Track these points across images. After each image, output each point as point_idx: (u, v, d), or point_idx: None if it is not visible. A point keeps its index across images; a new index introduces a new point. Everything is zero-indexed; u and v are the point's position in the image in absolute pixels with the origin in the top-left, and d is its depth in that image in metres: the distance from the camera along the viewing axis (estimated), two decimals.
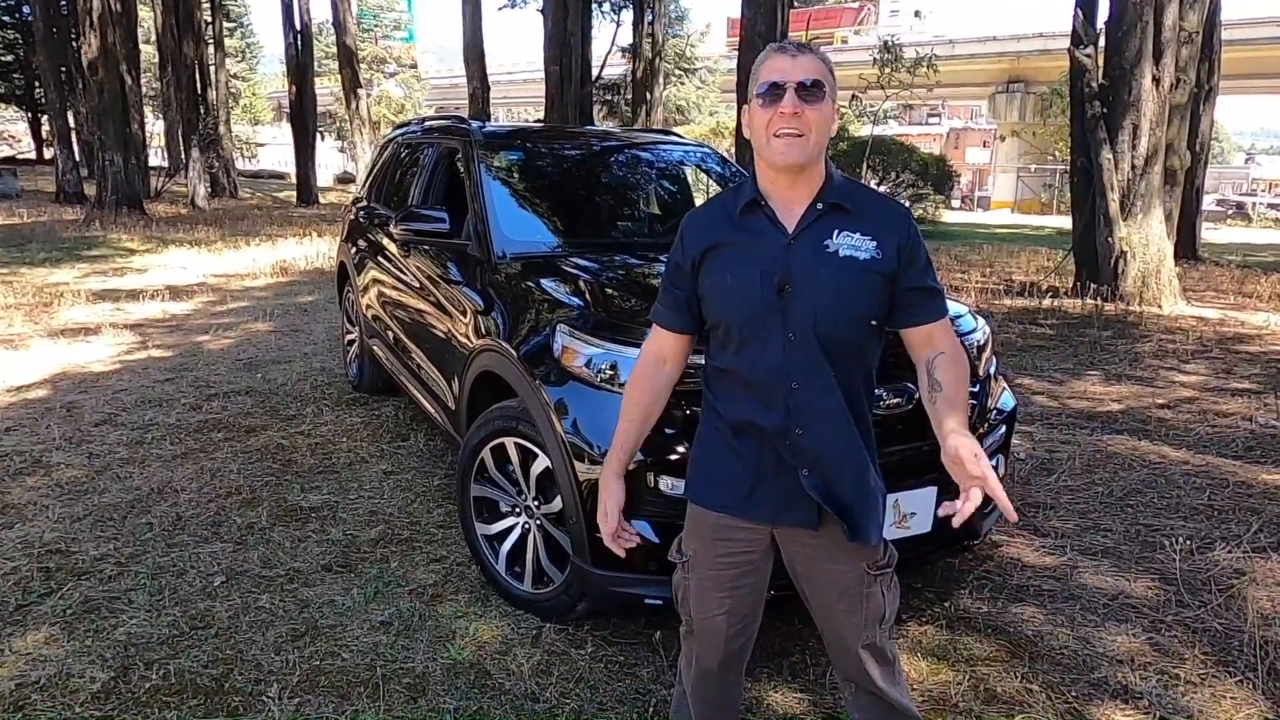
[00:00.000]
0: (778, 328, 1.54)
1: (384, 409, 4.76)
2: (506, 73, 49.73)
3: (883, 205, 1.62)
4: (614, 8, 24.58)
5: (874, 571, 1.64)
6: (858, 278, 1.53)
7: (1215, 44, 12.37)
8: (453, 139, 3.93)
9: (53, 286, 8.72)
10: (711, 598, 1.71)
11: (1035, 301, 8.57)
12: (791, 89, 1.49)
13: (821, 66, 1.52)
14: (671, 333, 1.72)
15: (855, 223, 1.55)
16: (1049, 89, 30.63)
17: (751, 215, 1.59)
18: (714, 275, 1.60)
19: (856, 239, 1.54)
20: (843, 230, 1.55)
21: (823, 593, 1.67)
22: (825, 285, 1.52)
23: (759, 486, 1.61)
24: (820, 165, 1.58)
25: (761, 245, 1.56)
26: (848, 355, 1.56)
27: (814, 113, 1.50)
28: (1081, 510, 3.57)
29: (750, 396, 1.59)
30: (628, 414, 1.79)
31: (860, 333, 1.57)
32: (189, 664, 2.41)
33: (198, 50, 23.37)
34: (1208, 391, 5.40)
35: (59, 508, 3.42)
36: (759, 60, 1.56)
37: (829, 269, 1.53)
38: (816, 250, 1.54)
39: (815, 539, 1.61)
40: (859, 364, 1.59)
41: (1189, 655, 2.54)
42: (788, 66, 1.51)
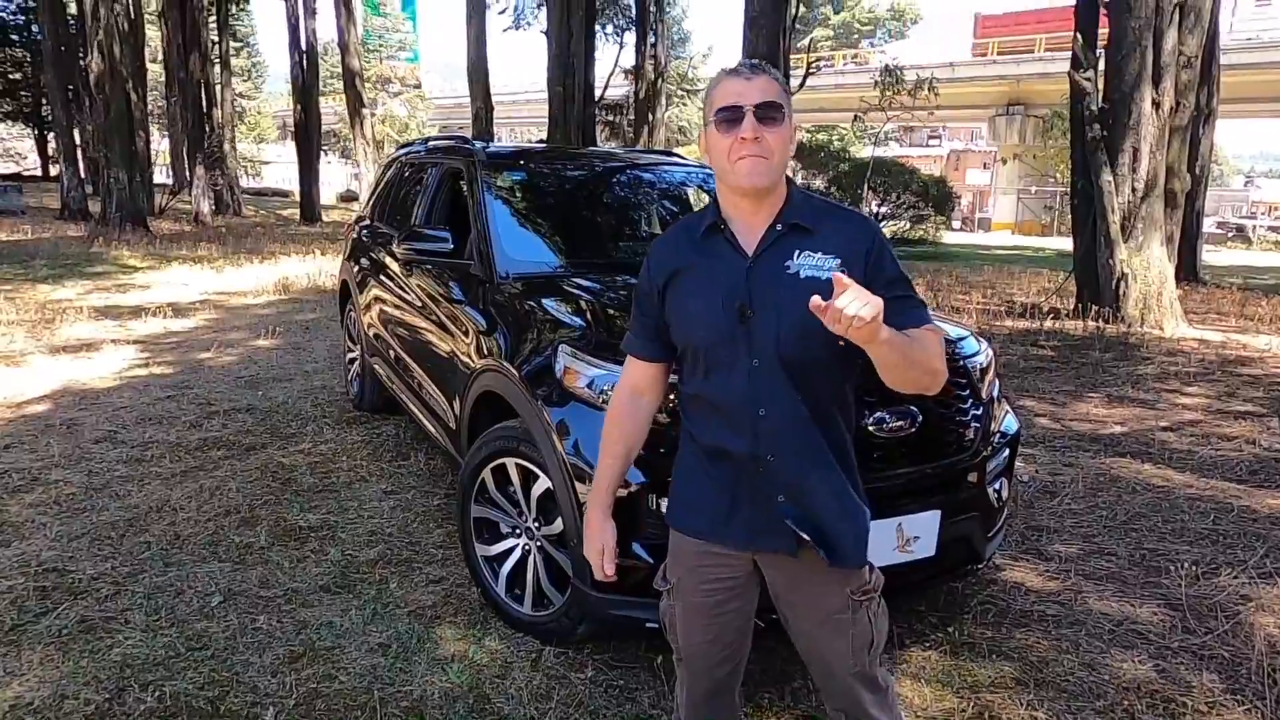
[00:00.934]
0: (742, 353, 1.51)
1: (385, 428, 4.75)
2: (510, 93, 50.10)
3: (844, 220, 1.57)
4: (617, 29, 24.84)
5: (858, 596, 1.60)
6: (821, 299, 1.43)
7: (1215, 68, 12.47)
8: (456, 159, 3.95)
9: (55, 303, 8.73)
10: (696, 625, 1.68)
11: (1037, 323, 8.57)
12: (750, 112, 1.46)
13: (777, 86, 1.50)
14: (645, 362, 1.70)
15: (816, 241, 1.51)
16: (1049, 112, 30.81)
17: (713, 239, 1.57)
18: (678, 301, 1.59)
19: (818, 258, 1.50)
20: (804, 250, 1.51)
21: (806, 619, 1.63)
22: (787, 308, 1.47)
23: (735, 512, 1.57)
24: (782, 186, 1.55)
25: (722, 269, 1.54)
26: (815, 378, 1.52)
27: (774, 134, 1.47)
28: (1085, 534, 3.55)
29: (720, 422, 1.56)
30: (609, 449, 1.73)
31: (827, 354, 1.50)
32: (185, 686, 2.38)
33: (204, 69, 23.59)
34: (1211, 414, 5.38)
35: (57, 526, 3.40)
36: (713, 83, 1.54)
37: (790, 291, 1.48)
38: (776, 272, 1.51)
39: (796, 564, 1.57)
40: (829, 386, 1.54)
41: (1196, 683, 2.51)
42: (743, 89, 1.48)
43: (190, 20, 22.47)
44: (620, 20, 24.76)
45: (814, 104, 35.70)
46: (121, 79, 16.07)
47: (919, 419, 2.38)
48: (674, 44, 32.31)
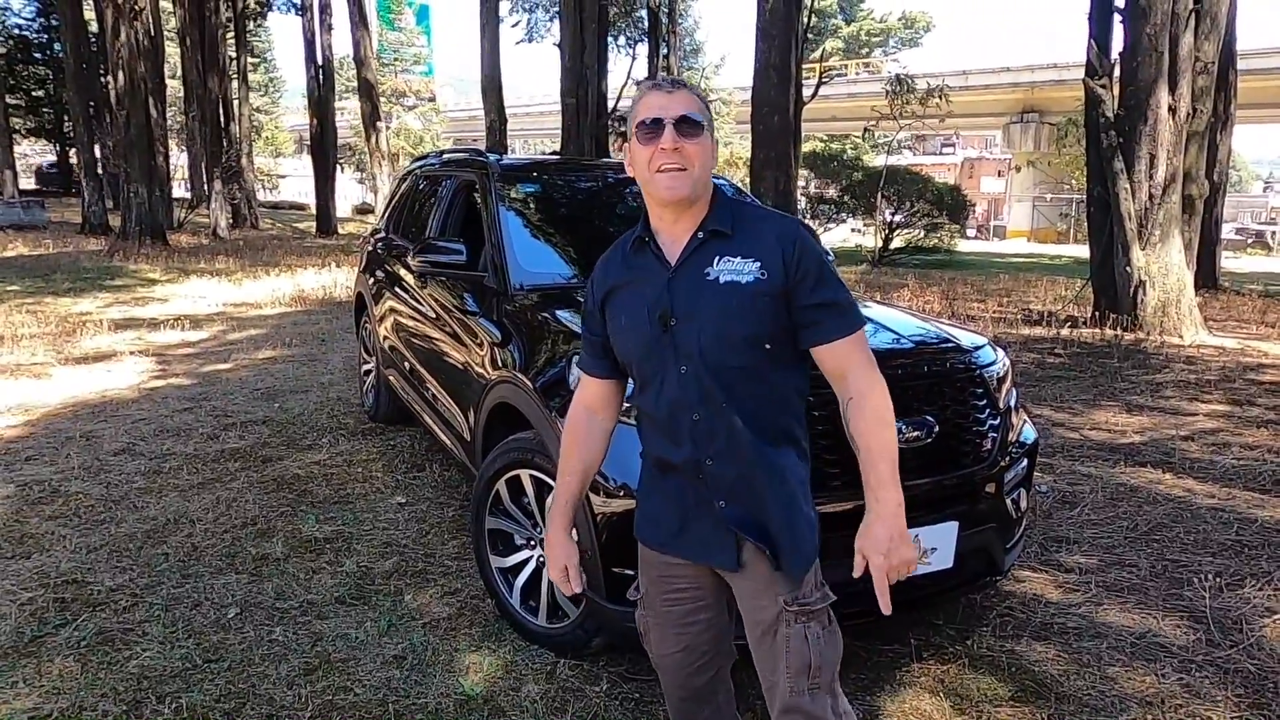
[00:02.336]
0: (670, 362, 1.53)
1: (400, 439, 4.77)
2: (524, 105, 50.43)
3: (766, 222, 1.56)
4: (630, 41, 24.98)
5: (793, 608, 1.53)
6: (741, 302, 1.48)
7: (1231, 73, 12.37)
8: (470, 171, 3.98)
9: (76, 316, 8.85)
10: (668, 635, 1.69)
11: (1053, 331, 8.50)
12: (670, 124, 1.48)
13: (698, 102, 1.52)
14: (596, 379, 1.71)
15: (735, 246, 1.52)
16: (1064, 119, 30.66)
17: (640, 253, 1.60)
18: (613, 318, 1.62)
19: (737, 263, 1.50)
20: (724, 256, 1.52)
21: (750, 633, 1.60)
22: (707, 314, 1.50)
23: (685, 526, 1.59)
24: (706, 196, 1.56)
25: (648, 282, 1.56)
26: (743, 382, 1.51)
27: (694, 146, 1.49)
28: (1105, 545, 3.51)
29: (661, 434, 1.58)
30: (567, 467, 1.74)
31: (752, 358, 1.50)
32: (201, 698, 2.39)
33: (222, 85, 23.91)
34: (1231, 423, 5.32)
35: (76, 537, 3.43)
36: (636, 97, 1.57)
37: (709, 297, 1.50)
38: (696, 280, 1.52)
39: (743, 575, 1.56)
40: (763, 389, 1.52)
41: (1221, 697, 2.46)
42: (665, 102, 1.50)
43: (209, 37, 22.78)
44: (633, 32, 24.91)
45: (826, 113, 35.72)
46: (141, 95, 16.31)
47: (935, 429, 2.37)
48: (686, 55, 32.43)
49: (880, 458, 1.47)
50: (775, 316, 1.50)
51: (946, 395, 2.47)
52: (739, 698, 2.43)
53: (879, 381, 1.51)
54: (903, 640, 2.70)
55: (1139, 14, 8.06)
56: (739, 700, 2.43)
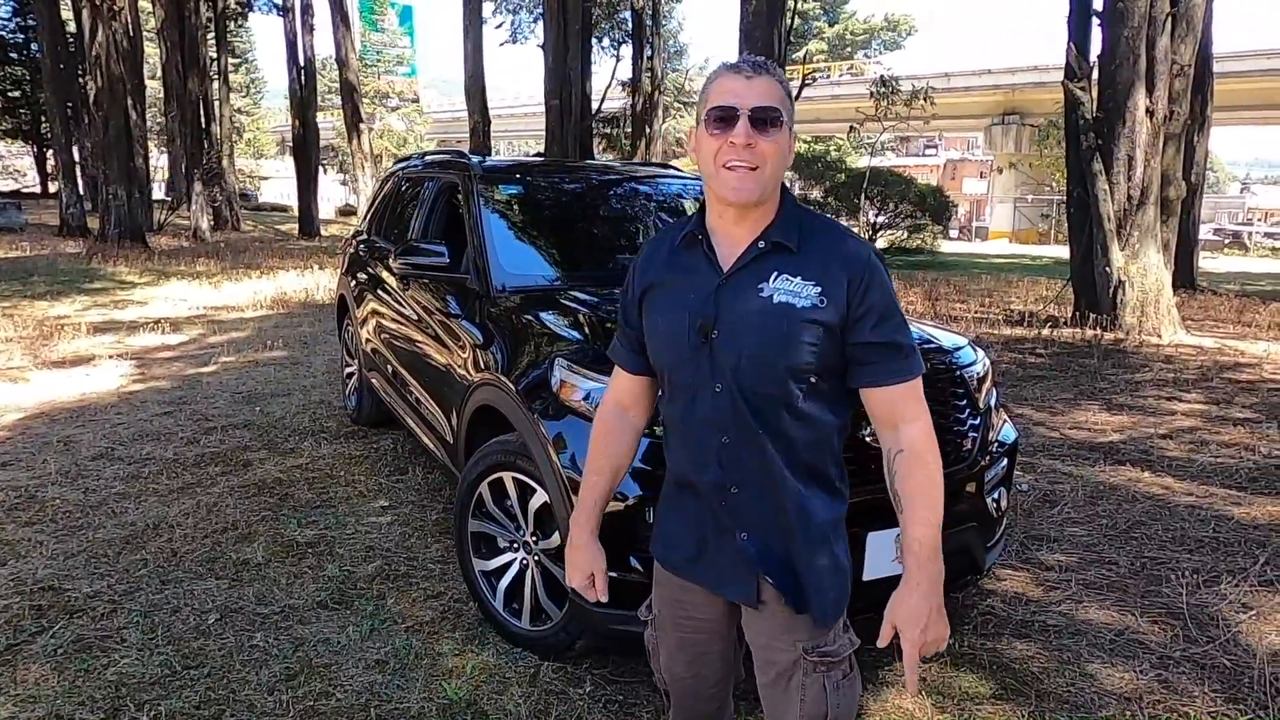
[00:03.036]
0: (705, 377, 1.39)
1: (383, 442, 4.74)
2: (508, 106, 50.34)
3: (836, 243, 1.39)
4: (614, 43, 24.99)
5: (812, 657, 1.43)
6: (791, 327, 1.33)
7: (1208, 76, 12.54)
8: (453, 173, 3.96)
9: (53, 319, 8.74)
10: (678, 660, 1.61)
11: (1034, 331, 8.58)
12: (745, 116, 1.32)
13: (779, 90, 1.35)
14: (629, 374, 1.59)
15: (798, 264, 1.36)
16: (1045, 120, 30.96)
17: (690, 250, 1.45)
18: (650, 317, 1.48)
19: (797, 283, 1.35)
20: (783, 273, 1.36)
21: (761, 674, 1.51)
22: (751, 334, 1.35)
23: (703, 553, 1.48)
24: (774, 199, 1.40)
25: (694, 285, 1.42)
26: (779, 413, 1.37)
27: (769, 144, 1.33)
28: (1085, 543, 3.54)
29: (686, 451, 1.46)
30: (594, 466, 1.62)
31: (792, 390, 1.36)
32: (180, 705, 2.36)
33: (202, 85, 23.70)
34: (1209, 421, 5.38)
35: (53, 544, 3.39)
36: (709, 78, 1.39)
37: (759, 316, 1.35)
38: (748, 293, 1.37)
39: (760, 614, 1.47)
40: (799, 423, 1.38)
41: (1198, 693, 2.49)
42: (741, 89, 1.33)
43: (189, 37, 22.57)
44: (617, 34, 24.93)
45: (810, 115, 35.92)
46: (120, 96, 16.14)
47: None
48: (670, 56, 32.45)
49: (927, 525, 1.34)
50: (826, 349, 1.36)
51: (927, 395, 2.47)
52: None
53: (933, 440, 1.39)
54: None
55: (1117, 17, 8.16)
56: None
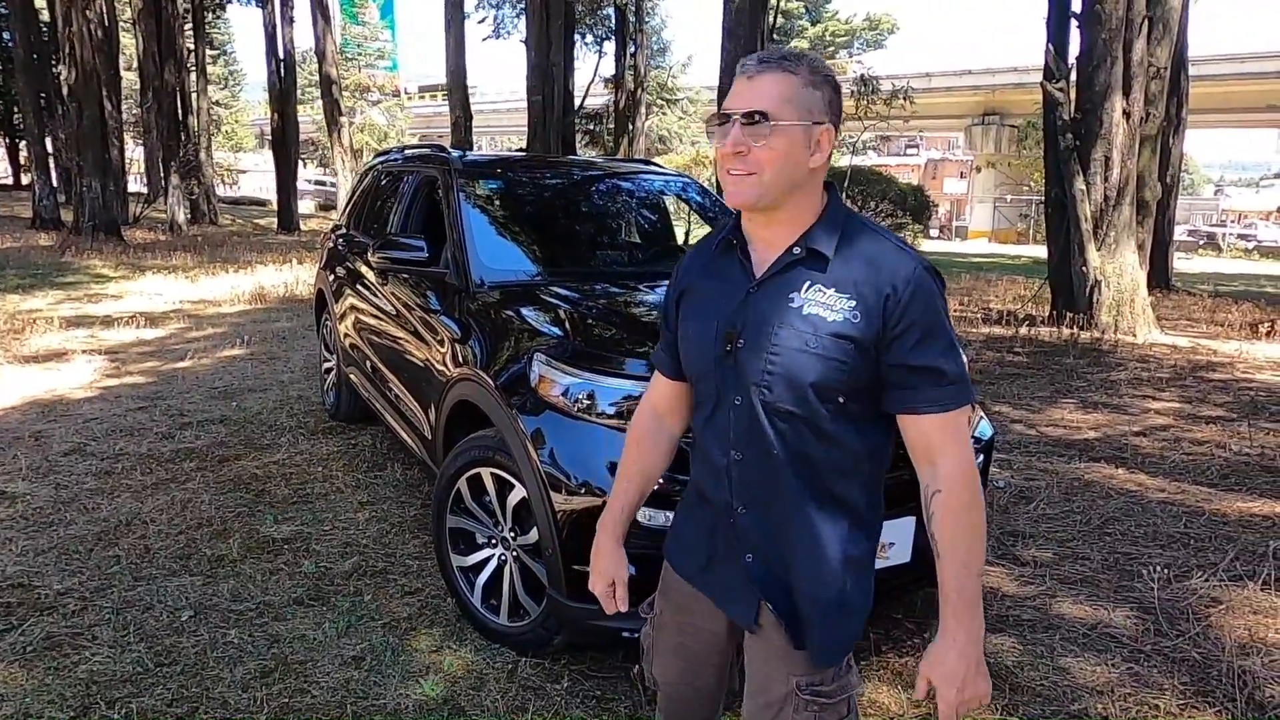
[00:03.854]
0: (727, 388, 1.32)
1: (361, 438, 4.71)
2: (490, 102, 50.09)
3: (879, 253, 1.26)
4: (597, 39, 24.93)
5: (806, 694, 1.33)
6: (821, 343, 1.23)
7: (1183, 78, 12.70)
8: (432, 167, 3.94)
9: (25, 313, 8.59)
10: (673, 665, 1.55)
11: (1012, 329, 8.66)
12: (737, 122, 1.24)
13: (781, 89, 1.23)
14: (667, 380, 1.51)
15: (833, 275, 1.25)
16: (1024, 121, 31.25)
17: (727, 256, 1.37)
18: (682, 323, 1.42)
19: (830, 295, 1.24)
20: (816, 284, 1.26)
21: (751, 698, 1.40)
22: (777, 345, 1.26)
23: (712, 563, 1.41)
24: (810, 201, 1.29)
25: (725, 292, 1.34)
26: (802, 432, 1.27)
27: (763, 151, 1.22)
28: (1060, 539, 3.58)
29: (702, 463, 1.40)
30: (625, 473, 1.56)
31: (819, 410, 1.25)
32: (152, 703, 2.34)
33: (180, 77, 23.34)
34: (1182, 419, 5.46)
35: (23, 540, 3.33)
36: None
37: (788, 328, 1.25)
38: (778, 303, 1.27)
39: (758, 638, 1.38)
40: (825, 446, 1.27)
41: (1168, 685, 2.53)
42: (742, 91, 1.25)
43: (166, 27, 22.22)
44: (600, 30, 24.85)
45: None
46: (95, 87, 15.88)
47: None
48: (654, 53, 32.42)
49: (967, 575, 1.23)
50: (858, 369, 1.24)
51: None
52: None
53: (975, 480, 1.25)
54: (861, 634, 2.72)
55: (1094, 20, 8.24)
56: None
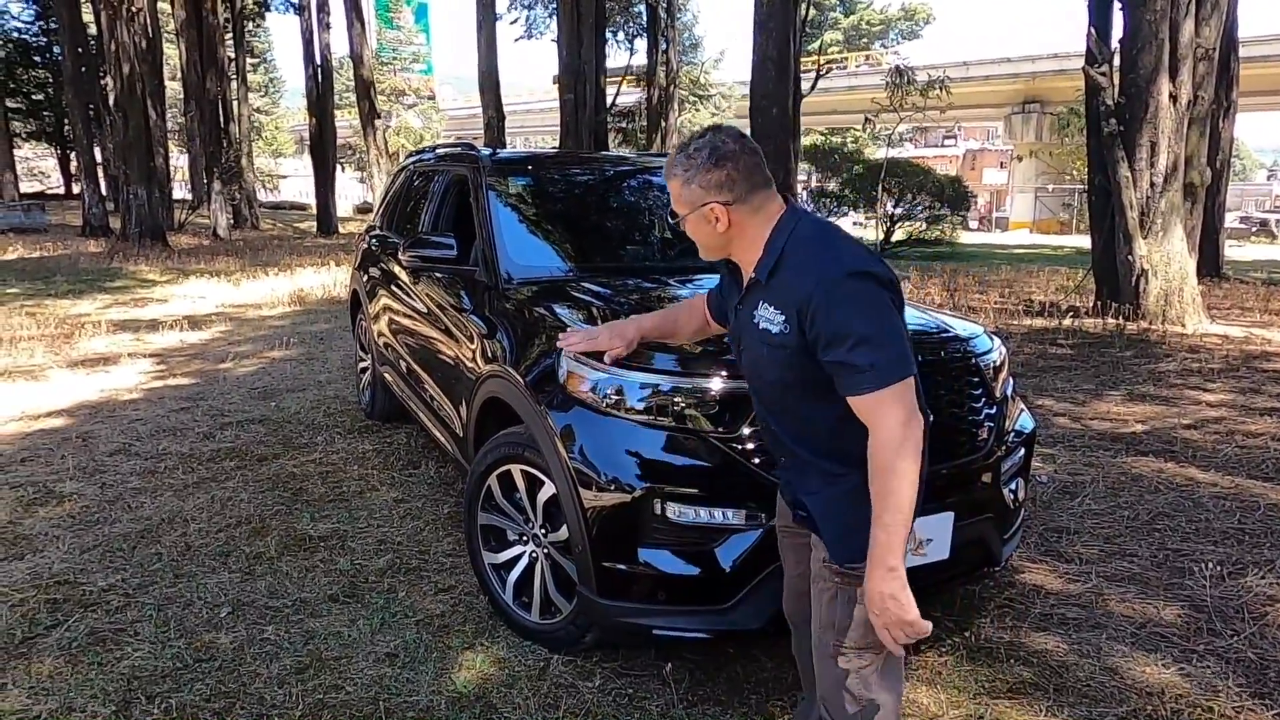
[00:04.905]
0: (745, 375, 1.78)
1: (396, 437, 4.75)
2: (523, 102, 50.35)
3: (801, 272, 1.55)
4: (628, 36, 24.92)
5: (829, 563, 1.65)
6: (770, 352, 1.60)
7: (1233, 60, 12.28)
8: (462, 166, 3.94)
9: (75, 317, 8.84)
10: (789, 557, 1.93)
11: (1055, 321, 8.45)
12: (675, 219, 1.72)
13: (674, 189, 1.68)
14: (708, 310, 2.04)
15: (772, 295, 1.60)
16: (1065, 109, 30.55)
17: (732, 278, 1.82)
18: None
19: (771, 311, 1.59)
20: (764, 302, 1.62)
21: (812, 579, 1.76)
22: (748, 353, 1.69)
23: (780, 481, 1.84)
24: (754, 242, 1.64)
25: (732, 306, 1.79)
26: (784, 412, 1.68)
27: (689, 227, 1.69)
28: (1106, 535, 3.47)
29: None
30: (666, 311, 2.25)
31: (785, 396, 1.65)
32: (191, 698, 2.37)
33: (221, 85, 23.87)
34: (1234, 411, 5.27)
35: (69, 538, 3.41)
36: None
37: (753, 340, 1.65)
38: (748, 321, 1.66)
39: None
40: (802, 421, 1.65)
41: (1223, 687, 2.43)
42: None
43: (207, 38, 22.74)
44: (631, 27, 24.85)
45: (826, 107, 35.60)
46: (140, 97, 16.29)
47: (930, 418, 2.32)
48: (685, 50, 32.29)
49: (878, 525, 1.49)
50: (800, 366, 1.57)
51: (941, 384, 2.43)
52: (735, 693, 2.42)
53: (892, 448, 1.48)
54: None
55: (1139, 0, 7.99)
56: (735, 699, 2.41)
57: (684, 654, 2.57)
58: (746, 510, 2.20)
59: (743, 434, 2.23)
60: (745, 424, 2.23)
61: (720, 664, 2.54)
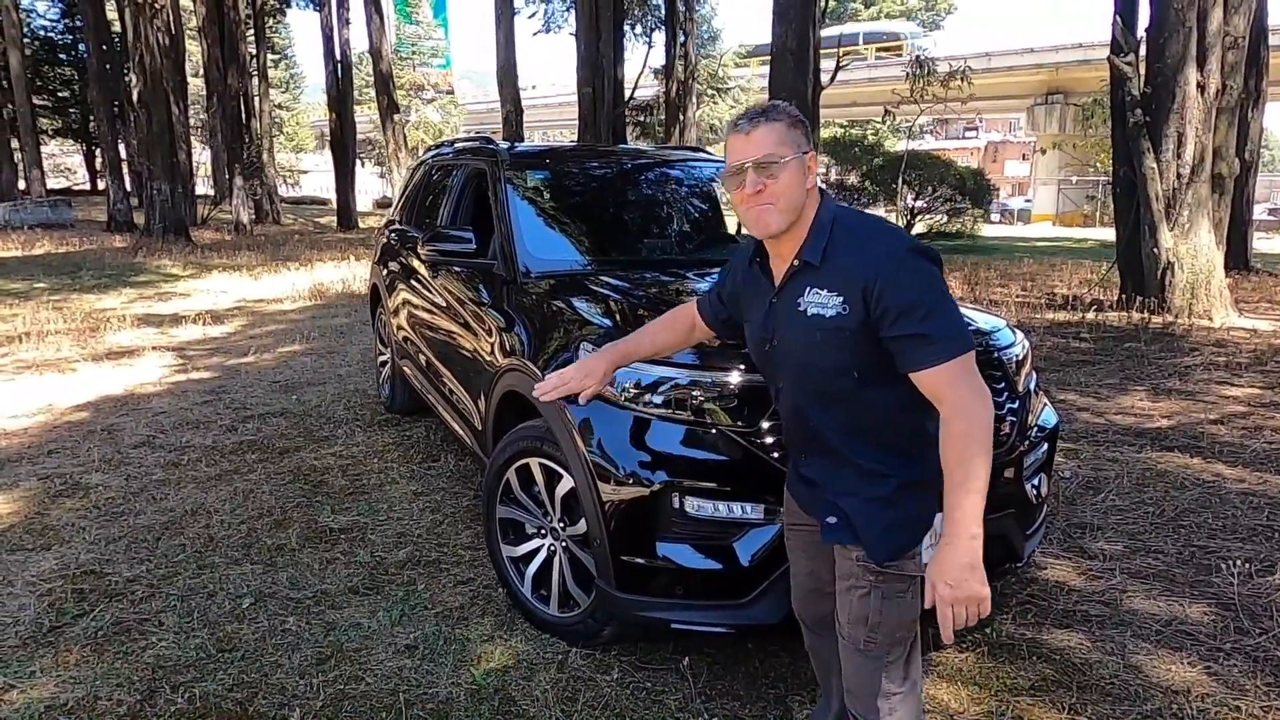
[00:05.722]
0: (774, 377, 1.74)
1: (415, 430, 4.77)
2: (541, 96, 50.36)
3: (858, 250, 1.55)
4: (646, 30, 24.82)
5: (864, 560, 1.63)
6: (825, 336, 1.55)
7: (1263, 48, 12.05)
8: (480, 159, 3.95)
9: (100, 312, 8.96)
10: (799, 557, 1.92)
11: (1079, 315, 8.35)
12: (750, 170, 1.57)
13: (775, 134, 1.56)
14: (702, 316, 2.01)
15: (823, 278, 1.57)
16: (1089, 99, 30.08)
17: (756, 271, 1.75)
18: (741, 320, 1.86)
19: (823, 296, 1.56)
20: (813, 287, 1.58)
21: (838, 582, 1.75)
22: (795, 344, 1.62)
23: (797, 483, 1.81)
24: (807, 218, 1.61)
25: (759, 300, 1.73)
26: (836, 404, 1.62)
27: (775, 184, 1.56)
28: (1131, 531, 3.43)
29: (782, 427, 1.85)
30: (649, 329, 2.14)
31: (840, 384, 1.59)
32: (214, 688, 2.40)
33: (242, 81, 24.05)
34: (1262, 406, 5.18)
35: (95, 529, 3.46)
36: (726, 133, 1.68)
37: (799, 329, 1.60)
38: (790, 309, 1.62)
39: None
40: (857, 410, 1.61)
41: (1250, 686, 2.39)
42: (742, 146, 1.58)
43: (229, 34, 22.92)
44: (649, 20, 24.72)
45: (846, 99, 35.31)
46: (163, 93, 16.45)
47: None
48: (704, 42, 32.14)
49: (964, 492, 1.46)
50: (860, 348, 1.54)
51: None
52: (754, 687, 2.41)
53: (970, 416, 1.48)
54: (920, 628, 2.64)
55: None
56: (754, 694, 2.40)
57: (702, 648, 2.57)
58: (765, 504, 2.19)
59: (761, 428, 2.22)
60: (764, 418, 2.22)
61: (738, 658, 2.54)
